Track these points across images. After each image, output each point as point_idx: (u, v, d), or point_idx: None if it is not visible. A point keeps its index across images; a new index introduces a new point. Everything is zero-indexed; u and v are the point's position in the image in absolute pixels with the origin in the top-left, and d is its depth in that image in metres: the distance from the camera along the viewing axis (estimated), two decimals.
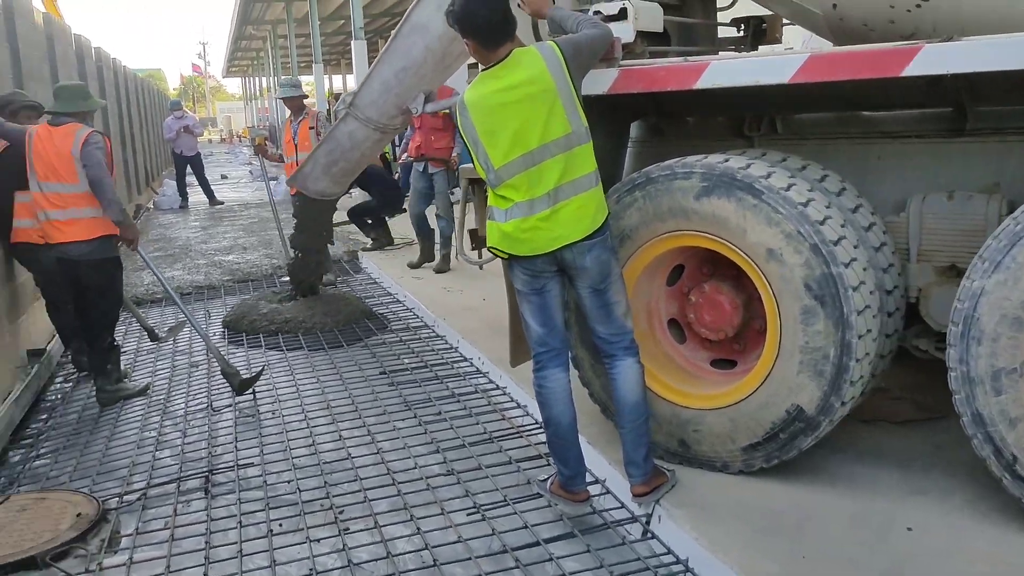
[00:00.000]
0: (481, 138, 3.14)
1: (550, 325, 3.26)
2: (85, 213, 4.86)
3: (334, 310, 6.48)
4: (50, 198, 4.86)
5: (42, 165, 4.85)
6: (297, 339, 6.10)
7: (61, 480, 4.09)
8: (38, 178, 4.87)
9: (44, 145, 4.85)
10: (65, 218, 4.85)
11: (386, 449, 4.05)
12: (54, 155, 4.82)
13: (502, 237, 3.19)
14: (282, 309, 6.54)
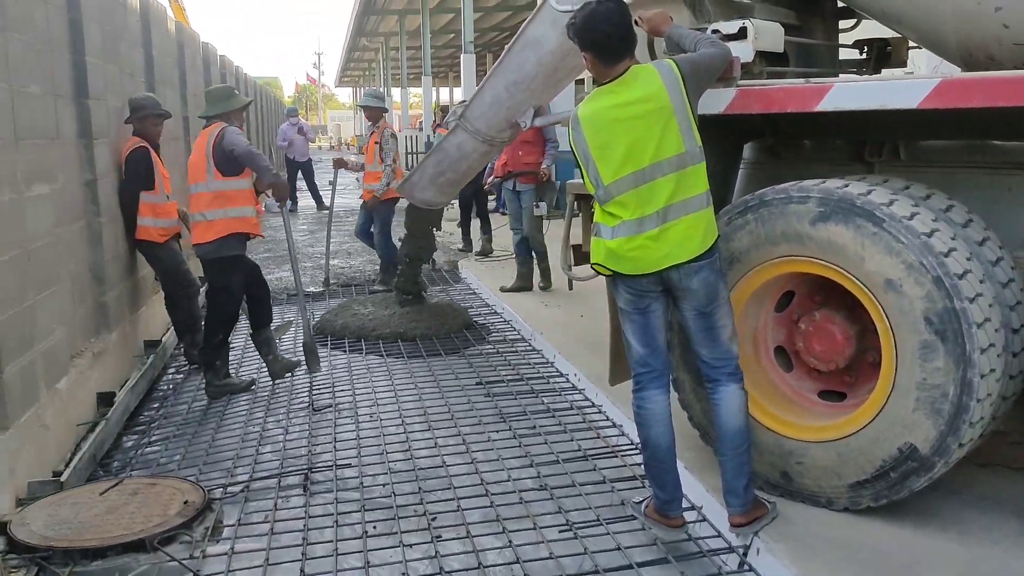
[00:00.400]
0: (592, 153, 3.13)
1: (652, 346, 3.22)
2: (206, 216, 5.12)
3: (438, 321, 6.55)
4: (193, 200, 5.23)
5: (191, 168, 5.26)
6: (397, 345, 6.19)
7: (170, 467, 4.27)
8: (187, 181, 5.30)
9: (196, 149, 5.28)
10: (194, 220, 5.19)
11: (480, 460, 4.07)
12: (198, 157, 5.19)
13: (607, 254, 3.17)
14: (386, 315, 6.63)
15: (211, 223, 5.12)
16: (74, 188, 5.02)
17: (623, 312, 3.26)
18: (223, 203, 5.12)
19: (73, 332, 4.80)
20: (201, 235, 5.17)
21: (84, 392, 4.72)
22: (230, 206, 5.14)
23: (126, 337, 5.71)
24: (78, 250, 5.02)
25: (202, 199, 5.14)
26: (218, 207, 5.11)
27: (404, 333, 6.40)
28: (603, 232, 3.18)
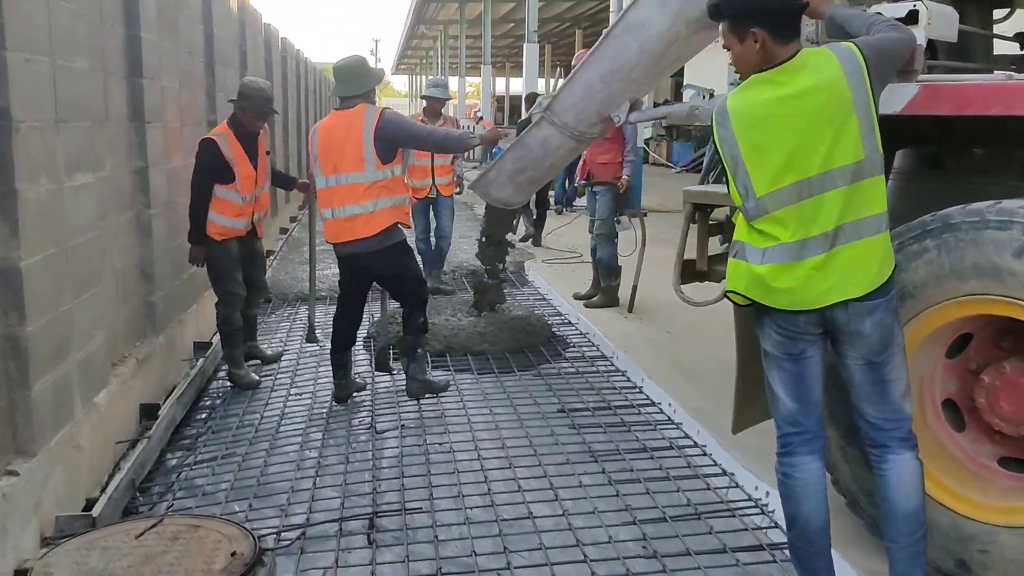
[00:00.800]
0: (744, 155, 2.52)
1: (805, 400, 2.60)
2: (368, 207, 4.52)
3: (517, 339, 5.90)
4: (339, 193, 4.56)
5: (333, 157, 4.56)
6: (465, 357, 5.63)
7: (217, 497, 3.77)
8: (323, 172, 4.61)
9: (334, 135, 4.59)
10: (349, 214, 4.54)
11: (572, 511, 3.49)
12: (347, 144, 4.53)
13: (753, 282, 2.56)
14: (459, 326, 6.03)
15: (372, 215, 4.53)
16: (123, 176, 4.55)
17: (769, 356, 2.65)
18: (380, 192, 4.55)
19: (116, 336, 4.33)
20: (358, 230, 4.53)
21: (125, 404, 4.25)
22: (388, 195, 4.58)
23: (174, 340, 5.24)
24: (125, 245, 4.55)
25: (355, 191, 4.51)
26: (376, 197, 4.53)
27: (478, 349, 5.77)
28: (749, 254, 2.57)
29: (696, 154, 23.33)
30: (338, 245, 4.67)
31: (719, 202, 3.42)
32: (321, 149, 4.61)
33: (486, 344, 5.76)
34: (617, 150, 7.17)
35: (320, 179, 4.64)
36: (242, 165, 5.08)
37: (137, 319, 4.72)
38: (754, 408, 3.33)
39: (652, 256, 9.21)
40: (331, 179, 4.57)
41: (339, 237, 4.63)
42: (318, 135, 4.65)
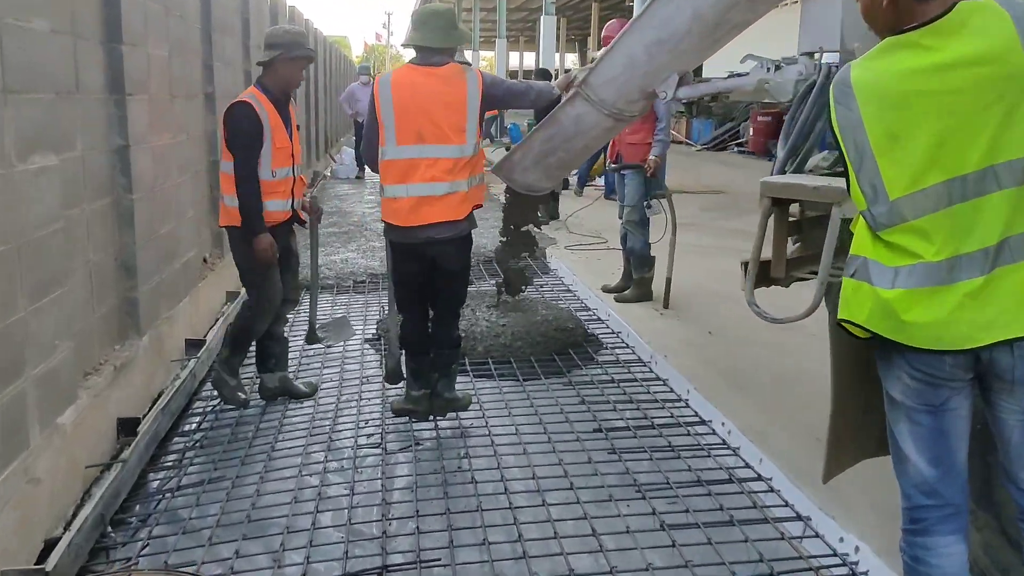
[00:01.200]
0: (873, 145, 1.91)
1: (946, 465, 2.01)
2: (461, 185, 3.82)
3: (545, 342, 5.27)
4: (421, 167, 3.77)
5: (418, 123, 3.75)
6: (486, 363, 5.03)
7: (201, 535, 3.21)
8: (398, 140, 3.77)
9: (422, 96, 3.77)
10: (434, 193, 3.80)
11: (620, 568, 2.90)
12: (443, 109, 3.76)
13: (880, 311, 1.96)
14: (483, 325, 5.39)
15: (466, 195, 3.86)
16: (98, 157, 3.96)
17: (898, 406, 2.05)
18: (474, 168, 3.89)
19: (88, 342, 3.76)
20: (447, 211, 3.81)
21: (99, 421, 3.69)
22: (479, 173, 3.95)
23: (162, 340, 4.67)
24: (101, 236, 3.97)
25: (443, 166, 3.78)
26: (470, 174, 3.86)
27: (499, 354, 5.15)
28: (875, 275, 1.96)
29: (716, 132, 22.57)
30: (411, 229, 3.83)
31: (805, 197, 2.81)
32: (400, 111, 3.75)
33: (509, 350, 5.13)
34: (648, 129, 6.53)
35: (391, 148, 3.79)
36: (277, 134, 4.13)
37: (116, 319, 4.15)
38: (847, 451, 2.74)
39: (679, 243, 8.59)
40: (410, 149, 3.77)
41: (417, 219, 3.79)
42: (393, 92, 3.77)
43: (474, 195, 3.93)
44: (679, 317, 5.95)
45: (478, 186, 3.95)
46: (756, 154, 19.77)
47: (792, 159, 3.13)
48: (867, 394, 2.71)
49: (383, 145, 3.82)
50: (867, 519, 3.12)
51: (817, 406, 4.26)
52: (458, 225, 3.87)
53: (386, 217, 3.93)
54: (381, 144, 3.82)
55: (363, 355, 5.28)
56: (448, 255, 3.96)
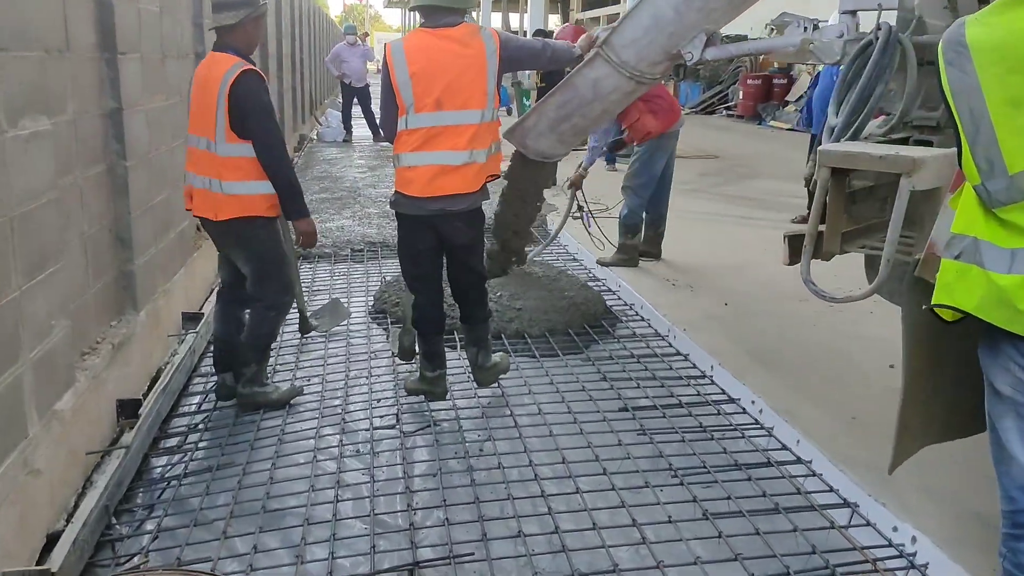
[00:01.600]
0: (992, 112, 1.71)
1: None
2: (480, 156, 3.58)
3: (564, 316, 5.06)
4: (443, 136, 3.53)
5: (438, 88, 3.48)
6: (499, 338, 4.80)
7: (215, 527, 3.01)
8: (417, 108, 3.49)
9: (441, 61, 3.50)
10: (453, 163, 3.55)
11: (666, 562, 2.73)
12: (463, 74, 3.51)
13: (994, 298, 1.77)
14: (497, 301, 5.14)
15: (483, 166, 3.63)
16: (90, 122, 3.68)
17: (1003, 400, 1.87)
18: (493, 136, 3.67)
19: (85, 321, 3.52)
20: (464, 183, 3.59)
21: (98, 404, 3.46)
22: (497, 140, 3.71)
23: (159, 314, 4.43)
24: (95, 206, 3.71)
25: (464, 133, 3.54)
26: (490, 142, 3.64)
27: (513, 329, 4.89)
28: (987, 257, 1.77)
29: (705, 95, 22.30)
30: (424, 200, 3.59)
31: (872, 167, 2.61)
32: (420, 78, 3.49)
33: (525, 325, 4.92)
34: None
35: (412, 117, 3.53)
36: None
37: (112, 294, 3.91)
38: (913, 438, 2.57)
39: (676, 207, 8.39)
40: (429, 117, 3.52)
41: (432, 189, 3.56)
42: (408, 59, 3.52)
43: (491, 165, 3.69)
44: (692, 288, 5.76)
45: (495, 155, 3.72)
46: (745, 118, 19.55)
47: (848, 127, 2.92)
48: (935, 378, 2.54)
49: (401, 115, 3.56)
50: (921, 506, 2.97)
51: (846, 383, 4.13)
52: (470, 197, 3.65)
53: (400, 187, 3.69)
54: (400, 114, 3.56)
55: (369, 328, 5.07)
56: (458, 229, 3.73)
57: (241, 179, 3.63)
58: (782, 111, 18.35)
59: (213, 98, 3.55)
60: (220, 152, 3.61)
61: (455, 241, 3.76)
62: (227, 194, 3.65)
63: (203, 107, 3.62)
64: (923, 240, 2.34)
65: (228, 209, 3.67)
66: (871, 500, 3.01)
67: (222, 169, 3.62)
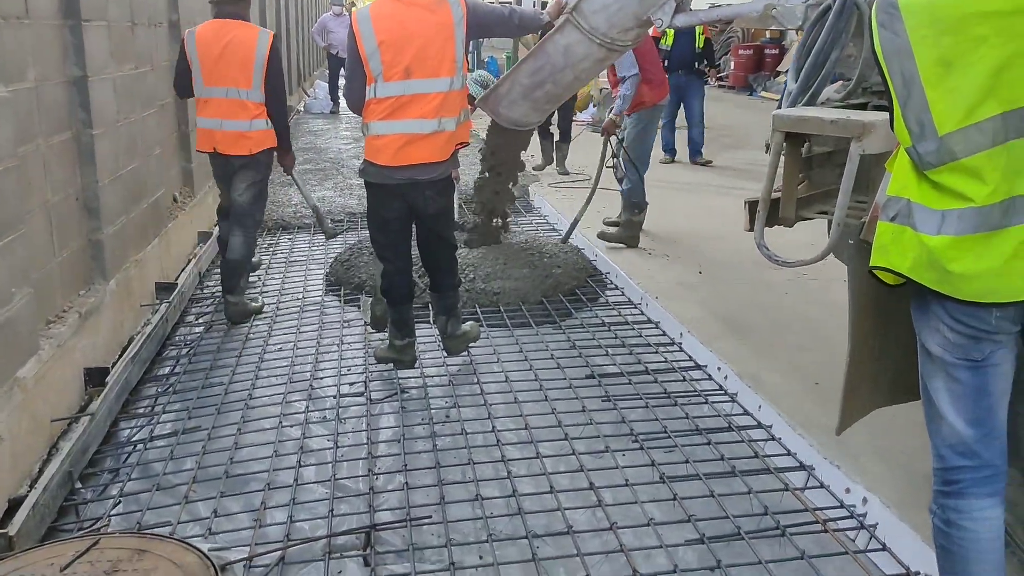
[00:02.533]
0: (923, 74, 1.72)
1: (986, 424, 1.86)
2: (449, 124, 3.57)
3: (542, 283, 5.04)
4: (412, 104, 3.52)
5: (407, 57, 3.47)
6: (473, 310, 4.81)
7: (177, 492, 3.04)
8: (386, 77, 3.49)
9: (407, 28, 3.48)
10: (422, 131, 3.55)
11: (621, 523, 2.77)
12: (430, 41, 3.49)
13: (925, 260, 1.78)
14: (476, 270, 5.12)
15: (452, 134, 3.62)
16: (54, 89, 3.66)
17: (935, 361, 1.89)
18: (462, 104, 3.66)
19: (49, 289, 3.53)
20: (433, 152, 3.58)
21: (64, 372, 3.47)
22: (465, 108, 3.71)
23: (130, 284, 4.43)
24: (59, 175, 3.70)
25: (432, 102, 3.52)
26: (459, 110, 3.63)
27: (488, 298, 4.89)
28: (919, 219, 1.79)
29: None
30: (393, 169, 3.59)
31: (823, 131, 2.61)
32: (388, 46, 3.47)
33: (502, 292, 4.91)
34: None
35: (381, 86, 3.51)
36: None
37: (80, 264, 3.90)
38: (861, 401, 2.60)
39: (659, 177, 8.38)
40: (398, 86, 3.49)
41: (401, 159, 3.55)
42: (375, 27, 3.49)
43: (460, 133, 3.68)
44: (668, 257, 5.77)
45: (464, 123, 3.70)
46: (736, 88, 19.45)
47: (804, 91, 2.92)
48: (881, 340, 2.56)
49: (369, 84, 3.55)
50: (873, 468, 3.00)
51: (812, 349, 4.16)
52: (440, 166, 3.64)
53: (369, 156, 3.68)
54: (369, 83, 3.55)
55: (342, 299, 5.07)
56: (428, 198, 3.71)
57: (264, 119, 4.52)
58: (773, 81, 18.25)
59: (251, 55, 4.42)
60: (254, 99, 4.46)
61: (425, 210, 3.75)
62: (259, 131, 4.51)
63: (235, 63, 4.41)
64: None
65: (260, 144, 4.54)
66: (826, 463, 3.04)
67: (256, 113, 4.48)
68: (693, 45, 8.94)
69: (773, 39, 19.25)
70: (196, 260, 5.55)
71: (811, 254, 2.81)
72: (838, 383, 2.59)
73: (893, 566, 2.54)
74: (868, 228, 2.28)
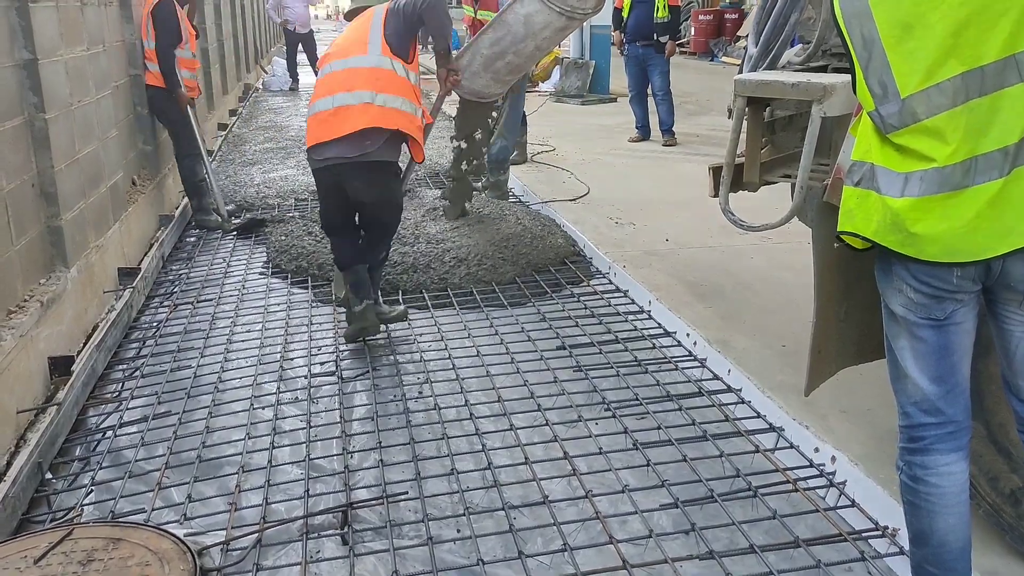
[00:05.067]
0: (883, 37, 1.73)
1: (949, 381, 1.90)
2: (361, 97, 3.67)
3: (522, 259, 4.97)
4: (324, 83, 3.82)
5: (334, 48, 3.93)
6: (445, 292, 4.75)
7: (150, 478, 3.02)
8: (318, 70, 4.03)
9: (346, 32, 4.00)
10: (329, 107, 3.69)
11: (596, 491, 2.79)
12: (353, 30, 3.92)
13: (889, 223, 1.81)
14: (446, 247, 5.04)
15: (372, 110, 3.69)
16: (3, 73, 3.57)
17: (898, 321, 1.92)
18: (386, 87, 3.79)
19: (8, 278, 3.46)
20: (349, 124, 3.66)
21: (28, 362, 3.42)
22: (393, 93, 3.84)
23: (92, 270, 4.36)
24: (13, 160, 3.61)
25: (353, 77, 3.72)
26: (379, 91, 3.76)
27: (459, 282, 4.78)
28: (883, 181, 1.80)
29: None
30: (314, 149, 3.76)
31: (784, 95, 2.62)
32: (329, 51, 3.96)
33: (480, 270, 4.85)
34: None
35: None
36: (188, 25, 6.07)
37: (39, 251, 3.83)
38: (828, 361, 2.64)
39: (620, 146, 8.40)
40: (321, 72, 3.89)
41: (313, 137, 3.74)
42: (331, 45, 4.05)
43: (389, 118, 3.63)
44: (635, 225, 5.79)
45: (397, 110, 3.66)
46: (697, 54, 19.47)
47: (765, 58, 2.93)
48: (846, 302, 2.60)
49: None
50: (840, 427, 3.06)
51: (779, 312, 4.21)
52: (362, 146, 3.61)
53: None
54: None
55: (308, 280, 5.03)
56: (358, 189, 3.76)
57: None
58: (734, 47, 18.29)
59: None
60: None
61: (359, 198, 3.83)
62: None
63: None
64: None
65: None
66: (795, 424, 3.09)
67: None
68: (651, 15, 8.58)
69: (732, 3, 19.28)
70: (159, 244, 5.47)
71: (775, 217, 2.84)
72: (805, 345, 2.63)
73: (863, 521, 2.60)
74: (831, 190, 2.30)
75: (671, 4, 8.57)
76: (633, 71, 9.00)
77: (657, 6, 8.53)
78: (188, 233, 6.17)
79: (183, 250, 5.80)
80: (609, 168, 7.64)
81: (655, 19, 8.59)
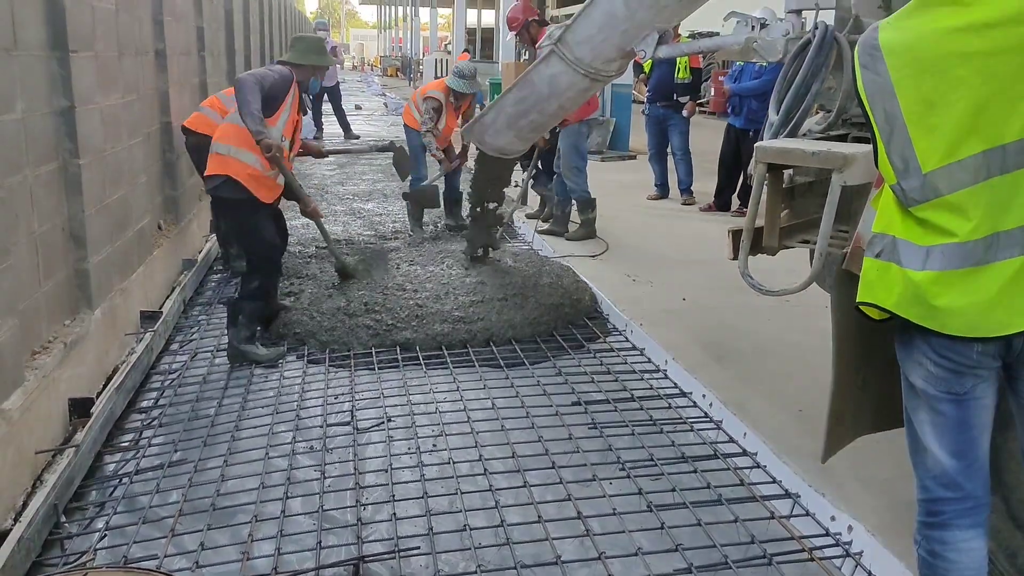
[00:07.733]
0: (905, 113, 1.76)
1: (969, 456, 1.89)
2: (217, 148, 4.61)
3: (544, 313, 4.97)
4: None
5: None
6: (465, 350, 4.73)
7: (164, 525, 3.02)
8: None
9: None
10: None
11: (609, 552, 2.77)
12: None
13: (910, 296, 1.82)
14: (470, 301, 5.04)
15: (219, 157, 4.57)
16: (41, 120, 3.66)
17: (918, 395, 1.92)
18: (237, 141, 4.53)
19: (35, 319, 3.51)
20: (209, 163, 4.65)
21: (49, 403, 3.45)
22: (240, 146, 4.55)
23: (115, 313, 4.42)
24: (47, 204, 3.69)
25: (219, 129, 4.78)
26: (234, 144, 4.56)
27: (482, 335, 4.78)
28: (904, 254, 1.82)
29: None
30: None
31: (804, 163, 2.66)
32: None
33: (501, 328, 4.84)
34: None
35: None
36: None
37: (65, 293, 3.89)
38: (845, 429, 2.63)
39: (638, 204, 8.49)
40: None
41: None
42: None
43: (231, 166, 4.42)
44: (652, 284, 5.82)
45: (237, 160, 4.43)
46: (716, 114, 19.65)
47: (785, 126, 2.98)
48: (865, 370, 2.60)
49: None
50: (858, 496, 3.04)
51: (796, 376, 4.19)
52: (212, 180, 4.50)
53: None
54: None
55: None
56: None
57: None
58: None
59: None
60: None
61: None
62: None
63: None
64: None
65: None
66: (812, 491, 3.07)
67: None
68: (672, 75, 8.69)
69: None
70: (181, 288, 5.54)
71: (792, 278, 2.86)
72: (822, 409, 2.63)
73: None
74: (851, 258, 2.32)
75: (692, 66, 8.69)
76: (653, 130, 9.11)
77: (678, 67, 8.64)
78: (210, 277, 6.24)
79: (203, 294, 5.86)
80: (627, 225, 7.69)
81: (676, 79, 8.72)
